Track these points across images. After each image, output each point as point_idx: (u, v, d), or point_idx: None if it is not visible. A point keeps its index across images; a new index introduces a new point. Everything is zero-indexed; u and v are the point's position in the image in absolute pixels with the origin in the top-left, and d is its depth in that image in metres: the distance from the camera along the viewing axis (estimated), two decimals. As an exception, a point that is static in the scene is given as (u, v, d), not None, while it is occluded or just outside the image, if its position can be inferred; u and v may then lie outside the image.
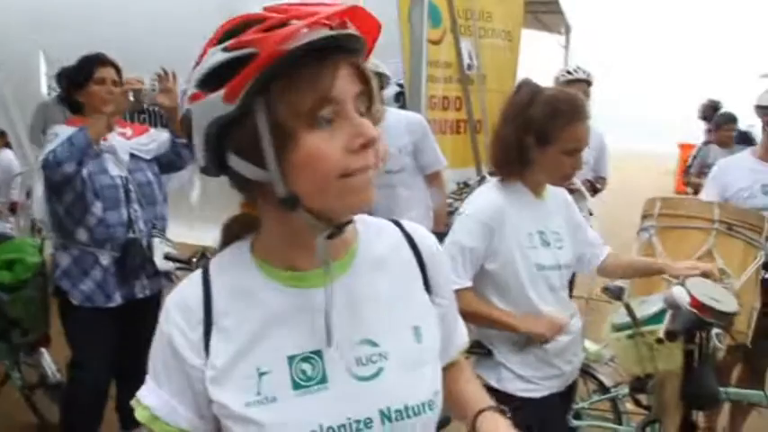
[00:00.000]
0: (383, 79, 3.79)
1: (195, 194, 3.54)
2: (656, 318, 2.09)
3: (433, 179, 3.94)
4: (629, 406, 3.20)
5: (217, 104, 0.89)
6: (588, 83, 4.70)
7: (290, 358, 1.00)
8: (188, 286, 1.05)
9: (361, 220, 1.12)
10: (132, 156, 3.11)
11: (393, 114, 3.83)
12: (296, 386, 0.99)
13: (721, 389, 2.82)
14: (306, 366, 1.00)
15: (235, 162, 0.93)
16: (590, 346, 3.17)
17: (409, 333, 1.08)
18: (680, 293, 1.97)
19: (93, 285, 2.99)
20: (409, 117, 3.88)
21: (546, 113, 2.06)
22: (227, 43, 0.90)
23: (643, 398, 3.13)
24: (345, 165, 0.91)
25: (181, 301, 1.04)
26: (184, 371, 1.01)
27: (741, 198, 3.28)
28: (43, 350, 3.44)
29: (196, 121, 0.93)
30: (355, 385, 1.01)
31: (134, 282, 3.07)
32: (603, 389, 3.29)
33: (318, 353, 1.01)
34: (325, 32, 0.89)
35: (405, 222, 1.19)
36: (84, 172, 2.91)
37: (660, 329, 2.01)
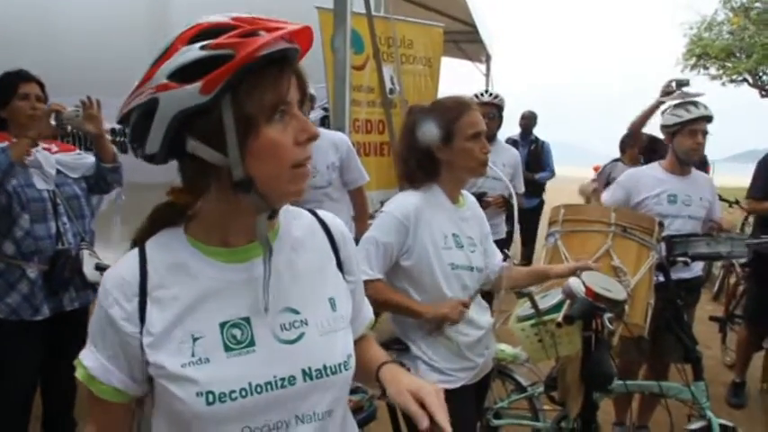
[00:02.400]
0: (312, 100, 3.96)
1: (118, 220, 3.57)
2: (556, 308, 2.30)
3: (356, 194, 4.16)
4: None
5: (191, 95, 1.02)
6: (498, 107, 4.99)
7: (222, 324, 1.14)
8: (124, 262, 1.17)
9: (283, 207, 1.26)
10: (58, 171, 3.14)
11: (323, 134, 3.98)
12: (227, 349, 1.13)
13: (623, 382, 3.08)
14: (236, 331, 1.14)
15: (195, 147, 1.06)
16: (506, 348, 3.38)
17: (326, 303, 1.24)
18: (576, 284, 2.19)
19: (19, 299, 2.99)
20: (334, 136, 4.07)
21: (440, 114, 2.33)
22: (203, 43, 1.04)
23: (556, 395, 3.36)
24: (296, 156, 1.09)
25: (118, 275, 1.16)
26: (119, 338, 1.14)
27: (649, 205, 3.65)
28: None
29: (163, 108, 1.04)
30: (280, 348, 1.16)
31: (63, 294, 3.09)
32: (521, 388, 3.51)
33: (247, 319, 1.15)
34: (286, 45, 1.07)
35: (318, 211, 1.37)
36: (10, 186, 2.92)
37: (559, 316, 2.22)
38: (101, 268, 3.10)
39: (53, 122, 2.96)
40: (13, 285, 2.99)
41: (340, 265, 1.31)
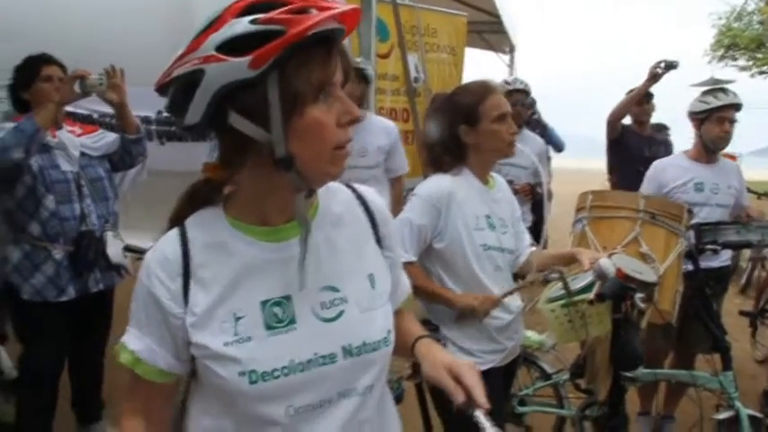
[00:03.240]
0: (366, 76, 4.07)
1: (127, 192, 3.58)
2: (587, 288, 2.28)
3: (396, 182, 4.23)
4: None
5: (239, 69, 1.00)
6: (526, 92, 4.97)
7: (263, 303, 1.13)
8: (166, 242, 1.17)
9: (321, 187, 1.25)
10: (83, 153, 3.17)
11: (373, 117, 4.20)
12: (268, 327, 1.12)
13: (651, 370, 3.05)
14: (277, 310, 1.14)
15: (237, 121, 1.05)
16: (532, 335, 3.36)
17: (365, 280, 1.23)
18: (607, 265, 2.17)
19: (44, 280, 3.02)
20: (386, 122, 4.23)
21: (464, 98, 2.34)
22: (254, 17, 1.01)
23: (582, 383, 3.34)
24: (338, 138, 1.08)
25: (161, 255, 1.15)
26: (164, 319, 1.14)
27: (676, 194, 3.59)
28: (0, 348, 3.46)
29: (208, 80, 1.02)
30: (320, 326, 1.15)
31: (88, 276, 3.11)
32: (546, 376, 3.48)
33: (288, 297, 1.15)
34: (335, 25, 1.05)
35: (356, 186, 1.35)
36: (35, 166, 2.95)
37: (591, 294, 2.21)
38: (131, 250, 3.12)
39: (77, 89, 2.98)
40: (38, 266, 3.03)
41: (379, 241, 1.30)
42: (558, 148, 7.54)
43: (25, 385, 3.20)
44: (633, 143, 4.96)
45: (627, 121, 5.07)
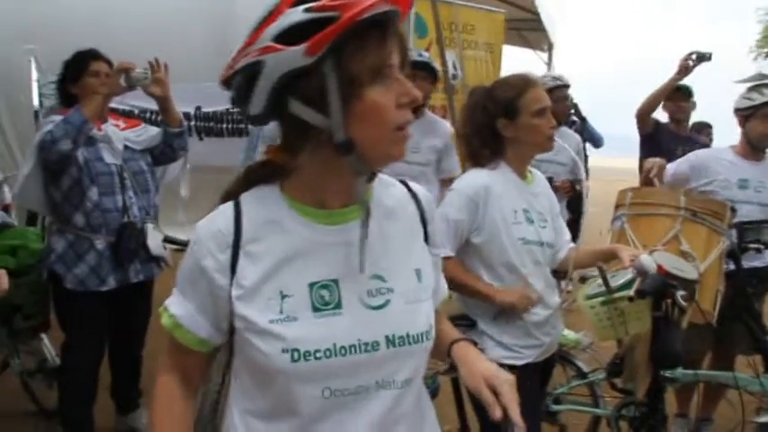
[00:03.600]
0: (435, 73, 4.16)
1: (184, 189, 3.64)
2: (627, 285, 2.26)
3: (445, 183, 4.16)
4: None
5: (296, 57, 1.02)
6: (567, 86, 4.90)
7: (311, 284, 1.14)
8: (219, 215, 1.19)
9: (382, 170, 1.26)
10: (126, 146, 3.23)
11: (432, 117, 4.26)
12: (315, 309, 1.13)
13: (692, 371, 3.01)
14: (324, 293, 1.14)
15: (297, 108, 1.07)
16: (569, 333, 3.33)
17: (412, 273, 1.23)
18: (648, 261, 2.15)
19: (86, 269, 3.08)
20: (440, 122, 4.28)
21: (504, 92, 2.33)
22: (307, 5, 1.03)
23: (618, 382, 3.30)
24: (398, 119, 1.08)
25: (213, 226, 1.17)
26: (209, 289, 1.16)
27: (717, 188, 3.49)
28: (43, 335, 3.53)
29: (268, 70, 1.05)
30: (366, 313, 1.16)
31: (128, 266, 3.16)
32: (581, 374, 3.45)
33: (336, 282, 1.15)
34: (389, 7, 1.05)
35: (410, 182, 1.35)
36: (81, 158, 3.02)
37: (632, 291, 2.19)
38: (168, 241, 3.18)
39: (123, 83, 3.04)
40: (82, 256, 3.09)
41: (427, 238, 1.30)
42: (597, 143, 7.43)
43: (67, 373, 3.28)
44: (666, 141, 4.79)
45: (665, 118, 4.95)
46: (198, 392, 1.32)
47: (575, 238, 2.56)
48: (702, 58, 4.27)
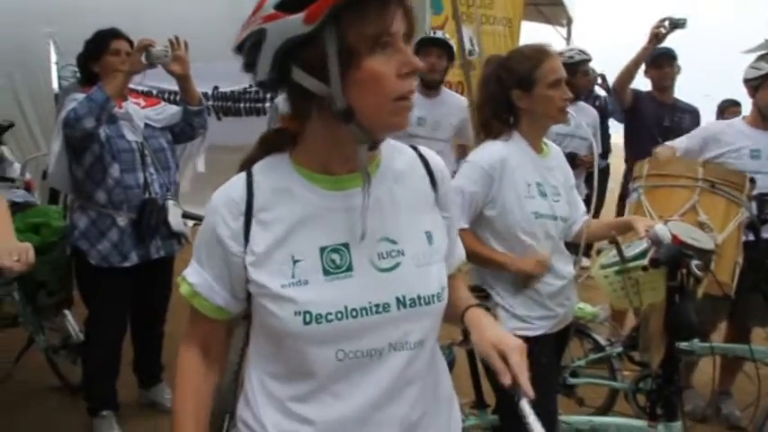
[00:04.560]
0: (452, 51, 4.22)
1: (201, 165, 3.68)
2: (641, 255, 2.25)
3: (460, 148, 4.38)
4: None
5: (296, 25, 1.04)
6: (589, 60, 4.83)
7: (322, 249, 1.17)
8: (233, 184, 1.22)
9: (385, 139, 1.27)
10: (146, 124, 3.27)
11: (448, 93, 4.38)
12: (326, 273, 1.15)
13: (708, 344, 3.00)
14: (335, 256, 1.17)
15: (299, 76, 1.09)
16: (585, 307, 3.34)
17: (422, 236, 1.25)
18: (662, 231, 2.14)
19: (109, 246, 3.14)
20: (460, 99, 4.43)
21: (520, 62, 2.32)
22: None
23: (636, 355, 3.31)
24: (398, 89, 1.09)
25: (226, 195, 1.20)
26: (224, 256, 1.19)
27: (729, 158, 3.45)
28: (66, 312, 3.60)
29: (270, 37, 1.07)
30: (376, 275, 1.18)
31: (150, 242, 3.22)
32: (599, 348, 3.46)
33: (346, 245, 1.17)
34: None
35: (419, 147, 1.37)
36: (103, 135, 3.06)
37: (646, 260, 2.18)
38: (187, 216, 3.22)
39: (143, 60, 3.07)
40: (104, 233, 3.15)
41: (437, 201, 1.32)
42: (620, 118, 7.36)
43: (90, 348, 3.35)
44: (650, 110, 4.64)
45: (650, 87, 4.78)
46: (219, 365, 1.35)
47: (596, 213, 2.55)
48: (677, 25, 4.12)
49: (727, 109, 6.52)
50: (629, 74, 4.52)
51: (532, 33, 9.46)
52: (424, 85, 4.10)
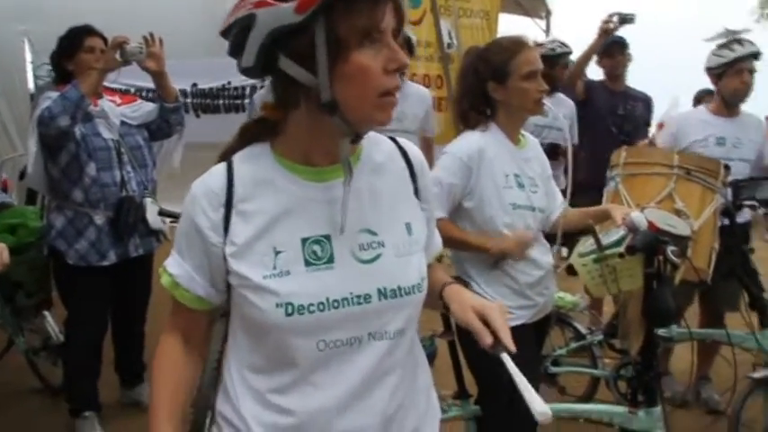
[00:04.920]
0: (411, 46, 4.25)
1: (177, 161, 3.66)
2: (618, 242, 2.28)
3: (424, 141, 4.36)
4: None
5: (286, 13, 1.04)
6: (570, 53, 4.84)
7: (303, 240, 1.17)
8: (213, 174, 1.21)
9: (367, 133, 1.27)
10: (122, 122, 3.24)
11: (411, 85, 4.42)
12: (307, 264, 1.15)
13: (686, 330, 3.03)
14: (316, 248, 1.17)
15: (286, 65, 1.09)
16: (566, 296, 3.36)
17: (402, 227, 1.25)
18: (639, 218, 2.16)
19: (87, 245, 3.11)
20: (421, 89, 4.50)
21: (495, 54, 2.33)
22: None
23: (616, 343, 3.34)
24: (384, 84, 1.09)
25: (205, 186, 1.20)
26: (204, 247, 1.19)
27: (697, 148, 3.50)
28: (46, 313, 3.57)
29: (259, 24, 1.07)
30: (357, 267, 1.18)
31: (128, 240, 3.20)
32: (579, 336, 3.48)
33: (328, 237, 1.18)
34: None
35: (398, 138, 1.37)
36: (78, 134, 3.03)
37: (622, 247, 2.20)
38: (164, 214, 3.20)
39: (118, 58, 3.04)
40: (82, 232, 3.12)
41: (417, 193, 1.32)
42: None
43: (70, 349, 3.32)
44: (602, 100, 4.64)
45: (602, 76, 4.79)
46: (199, 356, 1.34)
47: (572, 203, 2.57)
48: (625, 20, 4.14)
49: (704, 98, 6.57)
50: (579, 68, 4.52)
51: (511, 26, 9.48)
52: None
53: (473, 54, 2.43)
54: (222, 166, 1.21)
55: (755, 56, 3.53)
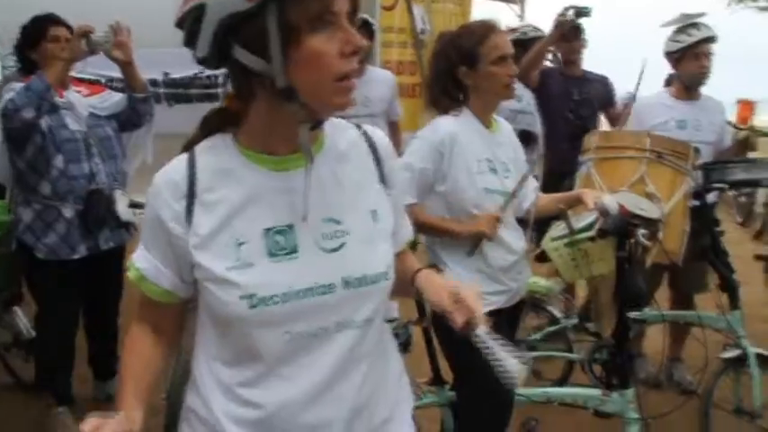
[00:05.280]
0: (371, 29, 4.33)
1: (149, 154, 3.60)
2: (590, 226, 2.29)
3: (394, 126, 4.44)
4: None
5: (236, 1, 1.02)
6: (541, 37, 4.78)
7: (266, 230, 1.15)
8: (175, 165, 1.19)
9: (328, 119, 1.26)
10: (91, 113, 3.18)
11: (375, 70, 4.48)
12: (270, 254, 1.14)
13: (659, 312, 3.07)
14: (279, 238, 1.16)
15: (240, 54, 1.07)
16: (540, 280, 3.37)
17: (367, 215, 1.24)
18: (610, 202, 2.18)
19: (56, 238, 3.06)
20: (386, 73, 4.59)
21: (465, 39, 2.32)
22: None
23: (591, 326, 3.37)
24: (340, 68, 1.08)
25: (168, 177, 1.18)
26: (168, 239, 1.17)
27: (660, 132, 3.44)
28: (16, 308, 3.52)
29: (210, 13, 1.05)
30: (321, 256, 1.17)
31: (98, 233, 3.15)
32: (554, 321, 3.51)
33: (291, 227, 1.16)
34: None
35: (363, 125, 1.35)
36: (44, 125, 2.97)
37: (593, 233, 2.22)
38: (135, 205, 3.16)
39: (84, 47, 2.97)
40: (51, 225, 3.07)
41: (383, 179, 1.31)
42: None
43: (42, 344, 3.28)
44: (557, 86, 4.51)
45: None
46: (168, 346, 1.33)
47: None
48: (581, 13, 4.15)
49: (673, 81, 6.61)
50: (534, 60, 4.34)
51: (485, 10, 9.45)
52: None
53: (444, 39, 2.43)
54: (184, 157, 1.20)
55: (711, 39, 3.57)
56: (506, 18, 10.10)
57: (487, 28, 2.33)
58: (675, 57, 3.64)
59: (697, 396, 3.05)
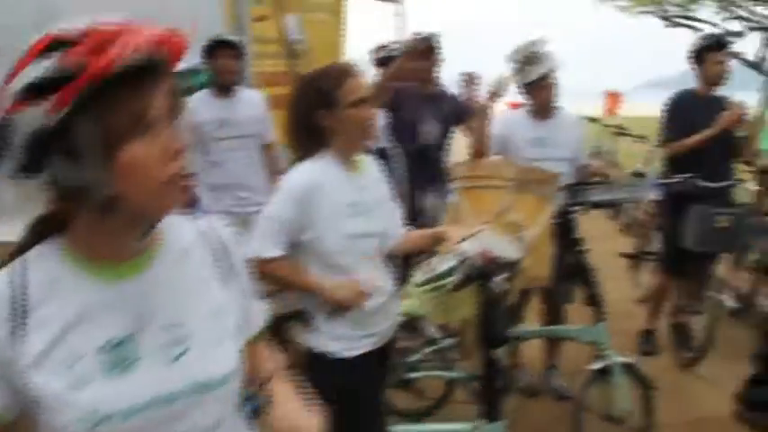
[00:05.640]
0: (240, 48, 4.16)
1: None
2: (450, 272, 2.31)
3: (269, 148, 4.32)
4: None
5: (41, 115, 0.94)
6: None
7: (103, 344, 1.07)
8: None
9: (161, 221, 1.18)
10: None
11: (243, 90, 4.33)
12: (108, 369, 1.06)
13: (534, 329, 3.17)
14: (118, 351, 1.07)
15: (56, 166, 0.98)
16: (412, 303, 3.39)
17: (211, 313, 1.18)
18: (470, 248, 2.20)
19: None
20: (254, 93, 4.43)
21: (322, 82, 2.29)
22: (52, 57, 0.94)
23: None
24: (165, 172, 1.01)
25: None
26: None
27: (516, 150, 3.67)
28: None
29: (17, 129, 0.96)
30: (163, 365, 1.10)
31: None
32: (432, 341, 3.54)
33: (130, 337, 1.09)
34: (146, 55, 0.97)
35: (204, 219, 1.29)
36: None
37: (452, 283, 2.24)
38: None
39: None
40: None
41: (227, 271, 1.25)
42: None
43: None
44: (406, 104, 4.22)
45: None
46: None
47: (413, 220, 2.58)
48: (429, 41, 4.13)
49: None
50: (384, 86, 4.04)
51: (364, 11, 9.42)
52: (222, 88, 4.08)
53: (302, 82, 2.40)
54: (4, 275, 1.09)
55: (553, 71, 3.69)
56: (386, 19, 10.13)
57: (343, 71, 2.30)
58: (522, 90, 3.76)
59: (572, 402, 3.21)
